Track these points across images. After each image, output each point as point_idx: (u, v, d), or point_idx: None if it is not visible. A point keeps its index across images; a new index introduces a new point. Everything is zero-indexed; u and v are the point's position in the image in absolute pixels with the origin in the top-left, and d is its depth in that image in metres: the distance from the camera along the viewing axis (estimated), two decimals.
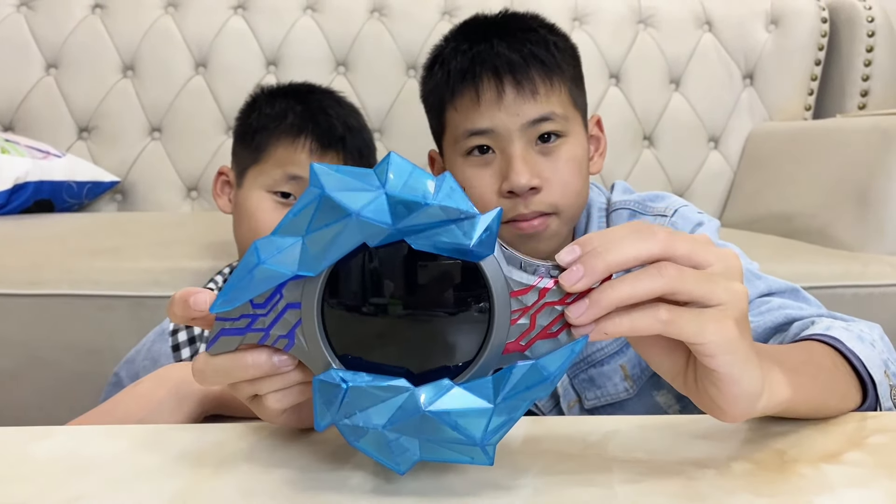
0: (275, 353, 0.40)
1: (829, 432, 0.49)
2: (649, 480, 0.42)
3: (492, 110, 0.77)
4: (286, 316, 0.39)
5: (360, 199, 0.37)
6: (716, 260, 0.40)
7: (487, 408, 0.39)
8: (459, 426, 0.38)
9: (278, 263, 0.38)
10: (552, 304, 0.39)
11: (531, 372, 0.39)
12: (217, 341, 0.41)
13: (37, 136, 1.60)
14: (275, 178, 0.94)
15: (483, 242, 0.37)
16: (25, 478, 0.43)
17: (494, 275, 0.38)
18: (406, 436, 0.39)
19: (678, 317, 0.38)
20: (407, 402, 0.39)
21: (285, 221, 0.38)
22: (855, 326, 0.60)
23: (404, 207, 0.37)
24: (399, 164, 0.37)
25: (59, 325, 1.06)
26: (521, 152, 0.76)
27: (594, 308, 0.38)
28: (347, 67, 1.71)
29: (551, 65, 0.79)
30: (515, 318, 0.39)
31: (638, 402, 0.80)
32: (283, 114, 0.97)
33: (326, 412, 0.39)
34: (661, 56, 1.75)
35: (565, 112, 0.79)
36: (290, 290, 0.39)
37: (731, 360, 0.39)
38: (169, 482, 0.42)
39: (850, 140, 1.38)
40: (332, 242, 0.37)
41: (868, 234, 1.27)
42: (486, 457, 0.39)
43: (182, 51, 1.68)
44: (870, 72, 1.70)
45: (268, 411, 0.44)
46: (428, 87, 0.86)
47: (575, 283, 0.38)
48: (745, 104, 1.77)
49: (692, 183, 1.76)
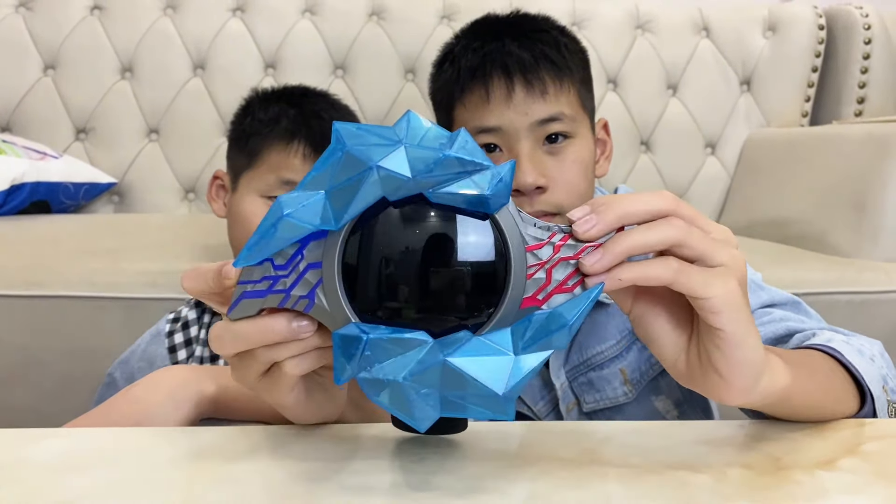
0: (294, 318, 0.40)
1: (825, 438, 0.49)
2: (644, 486, 0.42)
3: (501, 108, 0.77)
4: (307, 276, 0.40)
5: (379, 153, 0.38)
6: (715, 228, 0.42)
7: (507, 357, 0.39)
8: (480, 377, 0.38)
9: (301, 217, 0.39)
10: (567, 259, 0.40)
11: (550, 320, 0.40)
12: (238, 305, 0.41)
13: (34, 136, 1.60)
14: (268, 183, 0.94)
15: (498, 191, 0.39)
16: (21, 480, 0.43)
17: (510, 227, 0.40)
18: (426, 389, 0.39)
19: (687, 267, 0.40)
20: (427, 354, 0.39)
21: (308, 178, 0.39)
22: (855, 341, 0.60)
23: (422, 160, 0.38)
24: (417, 120, 0.39)
25: (55, 326, 1.06)
26: (528, 151, 0.76)
27: (608, 255, 0.39)
28: (346, 70, 1.72)
29: (562, 65, 0.79)
30: (532, 272, 0.40)
31: (637, 406, 0.80)
32: (276, 118, 0.97)
33: (347, 366, 0.39)
34: (659, 61, 1.75)
35: (573, 113, 0.79)
36: (311, 250, 0.40)
37: (736, 317, 0.40)
38: (167, 484, 0.42)
39: (847, 147, 1.39)
40: (352, 196, 0.38)
41: (863, 240, 1.28)
42: (507, 411, 0.39)
43: (180, 53, 1.68)
44: (866, 79, 1.70)
45: (281, 382, 0.43)
46: (437, 84, 0.86)
47: (588, 229, 0.39)
48: (742, 110, 1.77)
49: (689, 188, 1.76)
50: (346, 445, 0.48)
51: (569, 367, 0.81)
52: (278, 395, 0.44)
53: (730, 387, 0.42)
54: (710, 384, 0.42)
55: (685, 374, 0.44)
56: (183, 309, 0.95)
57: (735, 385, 0.41)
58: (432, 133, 0.39)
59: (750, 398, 0.43)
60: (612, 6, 1.77)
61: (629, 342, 0.80)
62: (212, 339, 0.42)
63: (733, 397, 0.42)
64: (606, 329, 0.80)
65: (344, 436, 0.49)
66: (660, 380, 0.80)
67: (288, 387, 0.44)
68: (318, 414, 0.48)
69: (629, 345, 0.80)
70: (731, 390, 0.42)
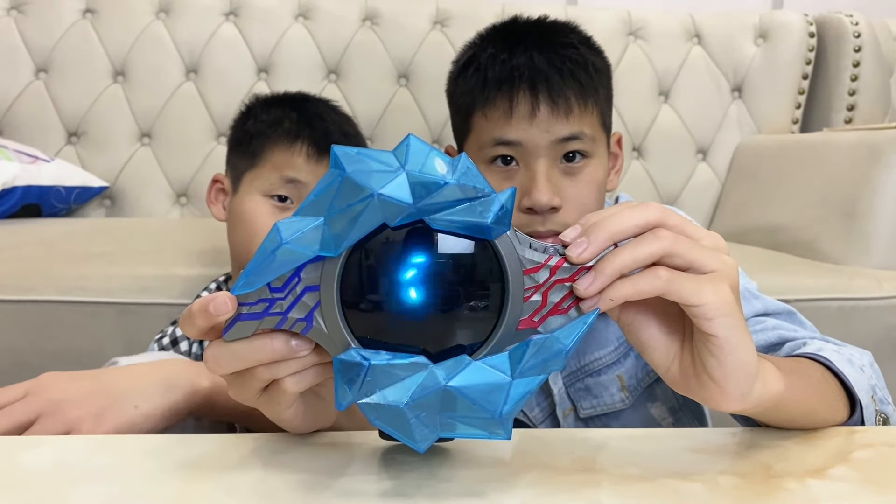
0: (292, 337, 0.41)
1: (816, 446, 0.50)
2: (637, 494, 0.42)
3: (523, 124, 0.76)
4: (304, 299, 0.40)
5: (380, 180, 0.38)
6: (704, 235, 0.43)
7: (506, 381, 0.40)
8: (478, 400, 0.39)
9: (300, 244, 0.39)
10: (562, 281, 0.41)
11: (547, 344, 0.40)
12: (234, 327, 0.40)
13: (25, 140, 1.59)
14: (272, 182, 0.95)
15: (499, 219, 0.39)
16: (15, 488, 0.43)
17: (508, 252, 0.40)
18: (426, 412, 0.39)
19: (677, 276, 0.40)
20: (427, 379, 0.39)
21: (306, 203, 0.39)
22: (846, 351, 0.60)
23: (423, 187, 0.38)
24: (417, 145, 0.39)
25: (47, 331, 1.05)
26: (545, 170, 0.76)
27: (600, 277, 0.40)
28: (339, 75, 1.72)
29: (588, 86, 0.78)
30: (528, 294, 0.41)
31: (633, 413, 0.80)
32: (279, 120, 0.98)
33: (348, 391, 0.40)
34: (651, 68, 1.76)
35: (593, 133, 0.79)
36: (308, 272, 0.40)
37: (730, 322, 0.40)
38: (162, 492, 0.42)
39: (837, 154, 1.40)
40: (353, 223, 0.38)
41: (854, 247, 1.28)
42: (504, 431, 0.40)
43: (173, 57, 1.68)
44: (856, 86, 1.72)
45: (281, 399, 0.43)
46: (459, 88, 0.85)
47: (581, 252, 0.40)
48: (733, 117, 1.78)
49: (680, 195, 1.77)
50: (340, 454, 0.48)
51: (566, 372, 0.81)
52: (277, 411, 0.45)
53: (724, 393, 0.42)
54: (705, 390, 0.43)
55: (679, 381, 0.44)
56: (169, 328, 0.96)
57: (729, 391, 0.42)
58: (433, 158, 0.39)
59: (744, 404, 0.43)
60: (605, 13, 1.77)
61: (627, 349, 0.80)
62: (208, 360, 0.42)
63: (728, 403, 0.42)
64: (604, 335, 0.80)
65: (337, 444, 0.49)
66: (656, 387, 0.81)
67: (287, 403, 0.44)
68: (314, 423, 0.48)
69: (627, 351, 0.80)
70: (725, 396, 0.42)
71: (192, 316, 0.40)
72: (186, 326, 0.41)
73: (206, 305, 0.39)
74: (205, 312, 0.40)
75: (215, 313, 0.39)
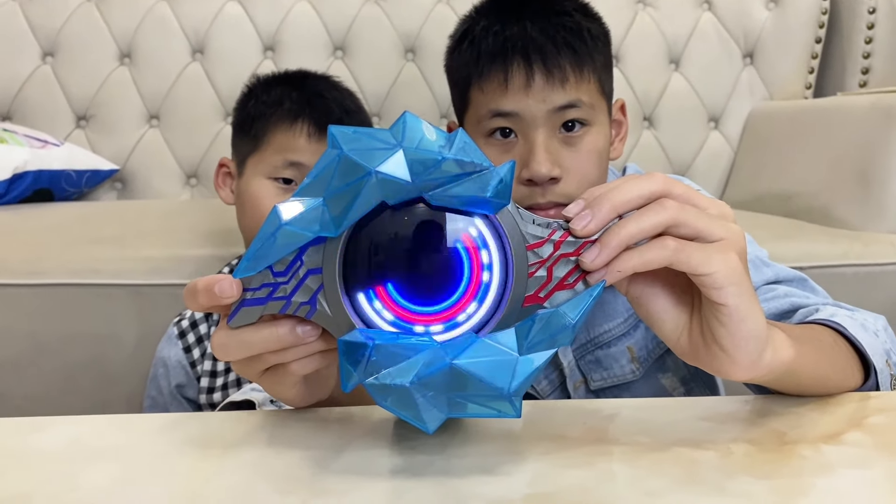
0: (299, 324, 0.41)
1: (829, 412, 0.49)
2: (649, 463, 0.42)
3: (519, 95, 0.76)
4: (307, 282, 0.40)
5: (378, 158, 0.38)
6: (710, 204, 0.42)
7: (512, 357, 0.39)
8: (486, 378, 0.39)
9: (300, 225, 0.39)
10: (567, 256, 0.41)
11: (553, 319, 0.40)
12: (238, 313, 0.41)
13: (34, 125, 1.60)
14: (275, 165, 0.95)
15: (499, 193, 0.39)
16: (30, 468, 0.43)
17: (510, 227, 0.40)
18: (433, 392, 0.39)
19: (685, 245, 0.40)
20: (433, 358, 0.39)
21: (305, 184, 0.39)
22: (859, 315, 0.60)
23: (420, 163, 0.38)
24: (413, 122, 0.39)
25: (61, 314, 1.06)
26: (543, 140, 0.75)
27: (606, 249, 0.40)
28: (345, 52, 1.70)
29: (583, 53, 0.77)
30: (533, 270, 0.40)
31: (643, 384, 0.80)
32: (279, 100, 0.98)
33: (353, 372, 0.39)
34: (661, 36, 1.74)
35: (592, 100, 0.78)
36: (310, 255, 0.39)
37: (738, 291, 0.40)
38: (177, 468, 0.43)
39: (852, 118, 1.38)
40: (352, 202, 0.38)
41: (869, 213, 1.27)
42: (512, 409, 0.39)
43: (179, 38, 1.67)
44: (871, 49, 1.68)
45: (285, 380, 0.44)
46: (454, 62, 0.84)
47: (585, 225, 0.40)
48: (745, 83, 1.76)
49: (692, 163, 1.75)
50: (347, 430, 0.48)
51: (576, 345, 0.81)
52: (282, 391, 0.45)
53: (734, 362, 0.41)
54: (715, 360, 0.42)
55: (689, 352, 0.44)
56: (187, 311, 0.97)
57: (739, 360, 0.41)
58: (430, 134, 0.38)
59: (755, 373, 0.42)
60: None
61: (636, 320, 0.80)
62: (215, 348, 0.42)
63: (738, 372, 0.42)
64: (613, 307, 0.80)
65: (345, 420, 0.49)
66: (666, 357, 0.80)
67: (291, 384, 0.44)
68: (313, 397, 0.49)
69: (636, 323, 0.80)
70: (735, 365, 0.42)
71: (196, 292, 0.41)
72: (189, 301, 0.41)
73: (212, 286, 0.40)
74: (209, 292, 0.40)
75: (220, 295, 0.40)
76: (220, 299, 0.40)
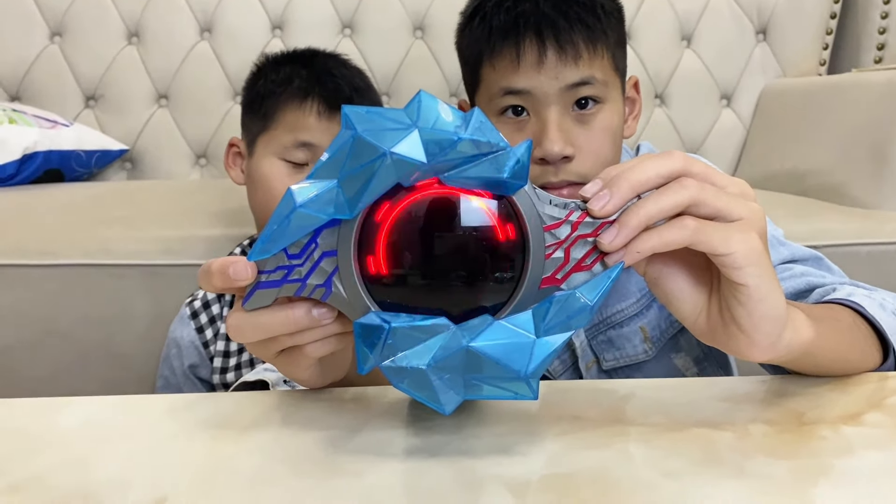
0: (315, 306, 0.41)
1: (849, 393, 0.49)
2: (666, 443, 0.42)
3: (531, 72, 0.74)
4: (322, 265, 0.40)
5: (392, 138, 0.37)
6: (730, 183, 0.41)
7: (529, 339, 0.39)
8: (502, 360, 0.39)
9: (314, 207, 0.38)
10: (585, 237, 0.40)
11: (570, 301, 0.40)
12: (253, 295, 0.40)
13: (43, 105, 1.59)
14: (285, 144, 0.94)
15: (516, 173, 0.38)
16: (43, 449, 0.43)
17: (528, 208, 0.39)
18: (449, 374, 0.39)
19: (705, 225, 0.39)
20: (449, 340, 0.39)
21: (319, 165, 0.38)
22: (877, 295, 0.59)
23: (436, 144, 0.37)
24: (429, 101, 0.38)
25: (73, 295, 1.06)
26: (556, 118, 0.74)
27: (624, 230, 0.39)
28: (353, 30, 1.69)
29: (596, 29, 0.76)
30: (550, 251, 0.40)
31: (656, 364, 0.80)
32: (288, 79, 0.97)
33: (369, 355, 0.39)
34: (673, 12, 1.72)
35: (605, 77, 0.76)
36: (325, 238, 0.39)
37: (758, 271, 0.39)
38: (191, 449, 0.43)
39: (866, 95, 1.36)
40: (366, 183, 0.37)
41: (884, 191, 1.25)
42: (530, 391, 0.39)
43: (187, 16, 1.66)
44: (886, 24, 1.66)
45: (300, 362, 0.44)
46: (465, 39, 0.83)
47: (603, 205, 0.39)
48: (757, 60, 1.73)
49: (704, 142, 1.73)
50: (363, 410, 0.48)
51: (588, 325, 0.80)
52: (296, 372, 0.45)
53: (753, 342, 0.41)
54: (733, 341, 0.42)
55: (707, 332, 0.43)
56: (199, 292, 0.97)
57: (758, 340, 0.41)
58: (445, 114, 0.38)
59: (773, 353, 0.42)
60: None
61: (649, 300, 0.79)
62: (230, 329, 0.42)
63: (757, 353, 0.42)
64: (626, 287, 0.79)
65: (360, 400, 0.49)
66: (679, 337, 0.80)
67: (306, 366, 0.44)
68: (327, 378, 0.48)
69: (649, 303, 0.79)
70: (754, 346, 0.41)
71: (210, 274, 0.40)
72: (203, 282, 0.41)
73: (227, 268, 0.40)
74: (223, 275, 0.40)
75: (234, 278, 0.39)
76: (234, 282, 0.40)
